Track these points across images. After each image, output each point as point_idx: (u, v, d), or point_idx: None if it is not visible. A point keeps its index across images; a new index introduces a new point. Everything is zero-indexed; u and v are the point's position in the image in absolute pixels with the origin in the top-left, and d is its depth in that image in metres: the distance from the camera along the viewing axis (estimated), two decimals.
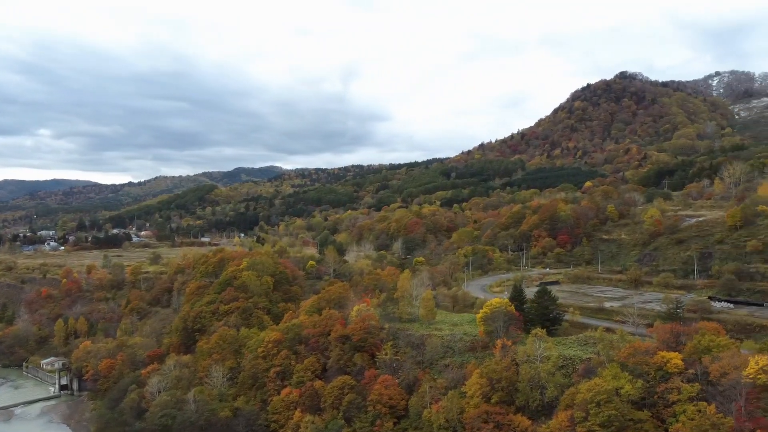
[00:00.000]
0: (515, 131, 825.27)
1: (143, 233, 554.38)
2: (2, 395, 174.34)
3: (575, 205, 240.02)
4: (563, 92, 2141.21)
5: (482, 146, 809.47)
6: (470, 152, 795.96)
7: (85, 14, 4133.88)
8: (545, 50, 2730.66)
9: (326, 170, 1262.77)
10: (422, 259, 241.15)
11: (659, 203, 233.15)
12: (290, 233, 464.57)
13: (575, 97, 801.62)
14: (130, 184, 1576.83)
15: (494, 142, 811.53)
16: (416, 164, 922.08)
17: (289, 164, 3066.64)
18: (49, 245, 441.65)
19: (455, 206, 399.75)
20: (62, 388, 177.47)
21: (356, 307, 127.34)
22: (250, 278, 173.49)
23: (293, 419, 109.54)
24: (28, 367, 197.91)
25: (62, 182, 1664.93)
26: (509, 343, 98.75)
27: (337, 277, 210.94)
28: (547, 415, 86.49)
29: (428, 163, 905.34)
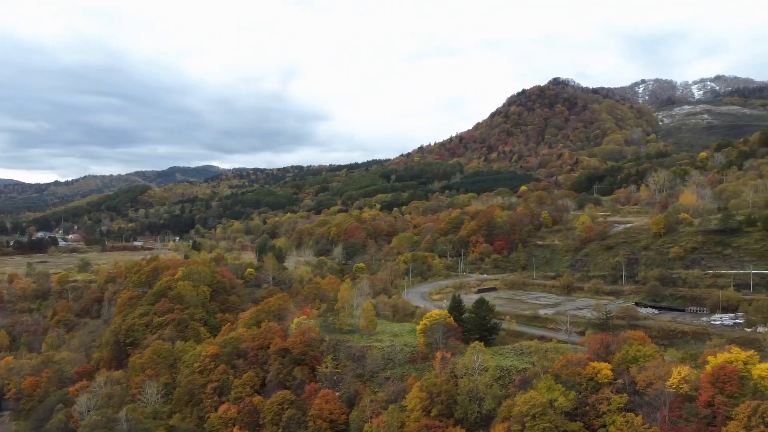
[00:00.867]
0: (454, 134, 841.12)
1: (71, 237, 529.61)
2: None
3: (511, 211, 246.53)
4: (502, 95, 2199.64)
5: (422, 149, 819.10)
6: (410, 155, 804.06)
7: (7, 2, 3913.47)
8: (484, 53, 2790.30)
9: (265, 171, 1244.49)
10: (363, 265, 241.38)
11: (590, 210, 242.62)
12: (228, 237, 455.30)
13: (511, 102, 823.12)
14: (56, 183, 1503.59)
15: (433, 144, 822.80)
16: (356, 166, 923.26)
17: (226, 163, 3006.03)
18: None
19: (395, 210, 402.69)
20: None
21: (296, 319, 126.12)
22: (185, 288, 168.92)
23: None
24: None
25: None
26: (448, 355, 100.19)
27: (276, 284, 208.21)
28: (485, 427, 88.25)
29: (368, 164, 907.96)
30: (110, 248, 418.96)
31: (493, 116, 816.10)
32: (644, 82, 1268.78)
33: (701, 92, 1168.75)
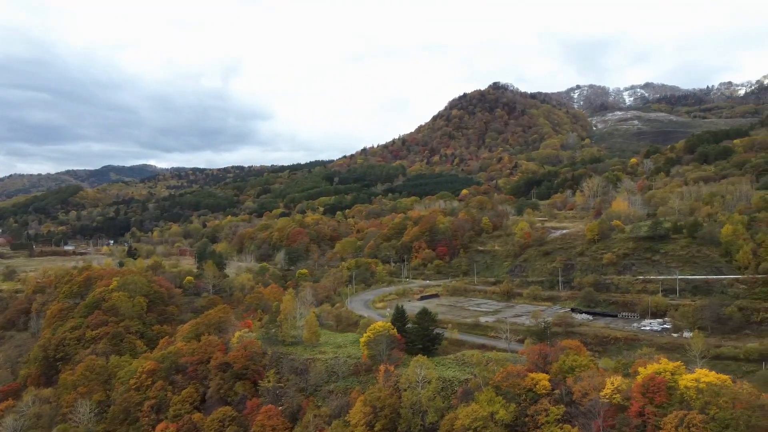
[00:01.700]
0: (397, 136, 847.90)
1: None
2: None
3: (453, 217, 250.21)
4: (446, 96, 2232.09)
5: (365, 151, 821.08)
6: (353, 156, 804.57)
7: None
8: (428, 55, 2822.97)
9: (205, 171, 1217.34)
10: (306, 271, 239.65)
11: (528, 215, 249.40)
12: (165, 241, 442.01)
13: (453, 105, 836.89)
14: None
15: (376, 147, 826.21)
16: (299, 167, 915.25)
17: (164, 162, 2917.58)
18: None
19: (339, 213, 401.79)
20: None
21: (238, 332, 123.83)
22: (121, 300, 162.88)
23: None
24: None
25: None
26: (392, 368, 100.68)
27: (216, 293, 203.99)
28: None
29: (311, 165, 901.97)
30: (38, 253, 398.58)
31: (435, 119, 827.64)
32: (579, 87, 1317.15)
33: (632, 99, 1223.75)
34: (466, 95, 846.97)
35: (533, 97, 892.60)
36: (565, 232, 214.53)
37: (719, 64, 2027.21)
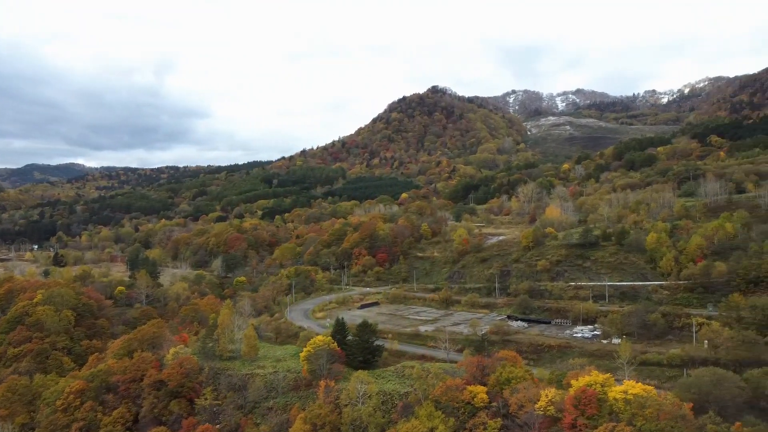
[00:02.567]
0: (338, 137, 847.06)
1: None
2: None
3: (393, 223, 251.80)
4: (386, 98, 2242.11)
5: (304, 152, 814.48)
6: (292, 158, 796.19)
7: None
8: (369, 56, 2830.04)
9: (137, 171, 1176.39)
10: (244, 278, 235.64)
11: (466, 221, 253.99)
12: (95, 246, 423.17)
13: (392, 108, 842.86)
14: None
15: (316, 148, 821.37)
16: (237, 168, 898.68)
17: (93, 161, 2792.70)
18: None
19: (277, 218, 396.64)
20: None
21: (173, 349, 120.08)
22: (46, 314, 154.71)
23: None
24: None
25: None
26: (332, 383, 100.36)
27: (150, 303, 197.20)
28: None
29: (249, 166, 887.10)
30: None
31: (375, 122, 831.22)
32: (515, 92, 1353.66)
33: (564, 104, 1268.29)
34: (405, 98, 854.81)
35: (471, 101, 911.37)
36: (501, 238, 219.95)
37: (645, 72, 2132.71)
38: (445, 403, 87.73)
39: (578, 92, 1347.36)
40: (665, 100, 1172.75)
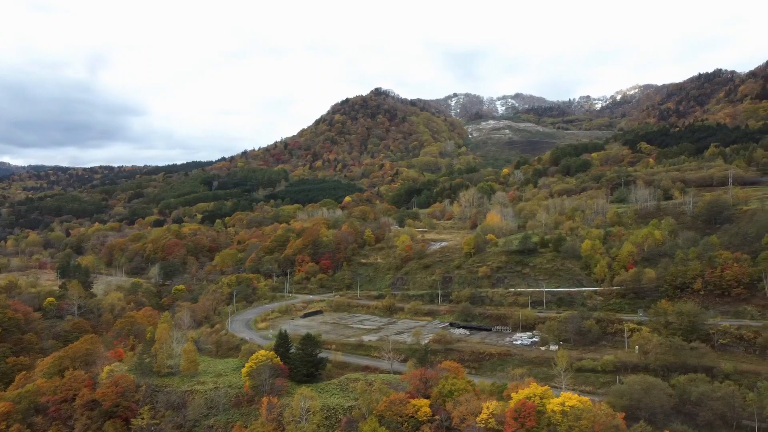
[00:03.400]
0: (280, 138, 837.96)
1: None
2: None
3: (336, 230, 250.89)
4: (330, 98, 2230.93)
5: (245, 153, 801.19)
6: (233, 159, 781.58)
7: None
8: (312, 55, 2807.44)
9: (69, 170, 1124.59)
10: (183, 287, 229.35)
11: (409, 227, 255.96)
12: (22, 252, 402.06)
13: (335, 110, 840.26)
14: None
15: (258, 149, 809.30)
16: (175, 168, 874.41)
17: (20, 159, 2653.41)
18: None
19: (218, 222, 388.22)
20: None
21: (107, 367, 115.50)
22: None
23: None
24: None
25: None
26: (275, 400, 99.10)
27: (82, 315, 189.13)
28: None
29: (188, 167, 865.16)
30: None
31: (317, 123, 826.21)
32: (456, 95, 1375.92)
33: (504, 108, 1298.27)
34: (348, 100, 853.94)
35: (413, 104, 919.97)
36: (444, 244, 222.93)
37: (580, 78, 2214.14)
38: (389, 418, 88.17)
39: (517, 96, 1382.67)
40: (599, 105, 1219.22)
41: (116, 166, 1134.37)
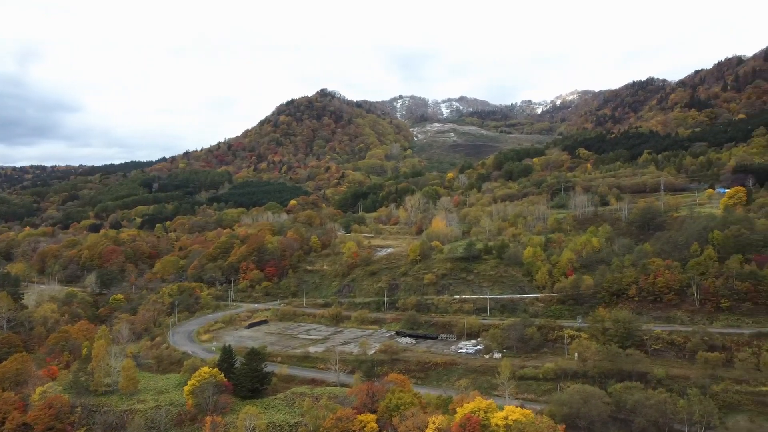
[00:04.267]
0: (224, 139, 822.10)
1: None
2: None
3: (282, 236, 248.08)
4: (274, 99, 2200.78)
5: (187, 154, 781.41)
6: (174, 160, 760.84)
7: None
8: (257, 54, 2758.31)
9: None
10: (121, 296, 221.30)
11: (355, 233, 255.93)
12: None
13: (280, 111, 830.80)
14: None
15: (200, 150, 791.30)
16: (113, 169, 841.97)
17: None
18: None
19: (158, 226, 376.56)
20: None
21: (39, 388, 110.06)
22: None
23: None
24: None
25: None
26: (219, 419, 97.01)
27: (12, 329, 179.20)
28: None
29: (127, 167, 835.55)
30: None
31: (262, 124, 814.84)
32: (402, 97, 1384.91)
33: (448, 111, 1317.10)
34: (293, 101, 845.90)
35: (359, 105, 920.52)
36: (390, 251, 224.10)
37: (522, 82, 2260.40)
38: None
39: (462, 100, 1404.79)
40: (540, 110, 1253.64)
41: (49, 165, 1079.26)
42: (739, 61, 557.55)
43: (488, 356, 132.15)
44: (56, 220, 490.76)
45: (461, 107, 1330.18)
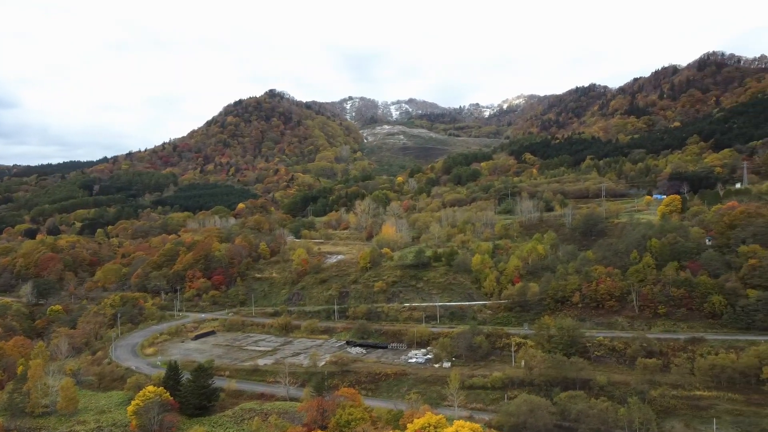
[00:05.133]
0: (168, 139, 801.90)
1: None
2: None
3: (230, 243, 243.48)
4: (221, 98, 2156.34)
5: (131, 155, 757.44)
6: (117, 160, 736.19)
7: None
8: (204, 51, 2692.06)
9: None
10: (59, 307, 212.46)
11: (305, 240, 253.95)
12: None
13: (228, 111, 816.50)
14: None
15: (144, 151, 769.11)
16: (50, 169, 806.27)
17: None
18: None
19: (99, 232, 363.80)
20: None
21: None
22: None
23: None
24: None
25: None
26: None
27: None
28: None
29: (66, 168, 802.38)
30: None
31: (209, 125, 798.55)
32: (351, 99, 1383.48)
33: (398, 113, 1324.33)
34: (242, 102, 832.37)
35: (309, 107, 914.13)
36: (340, 257, 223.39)
37: (470, 85, 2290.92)
38: None
39: (411, 102, 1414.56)
40: (487, 113, 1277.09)
41: None
42: (674, 70, 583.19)
43: (438, 365, 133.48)
44: None
45: (411, 109, 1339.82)
